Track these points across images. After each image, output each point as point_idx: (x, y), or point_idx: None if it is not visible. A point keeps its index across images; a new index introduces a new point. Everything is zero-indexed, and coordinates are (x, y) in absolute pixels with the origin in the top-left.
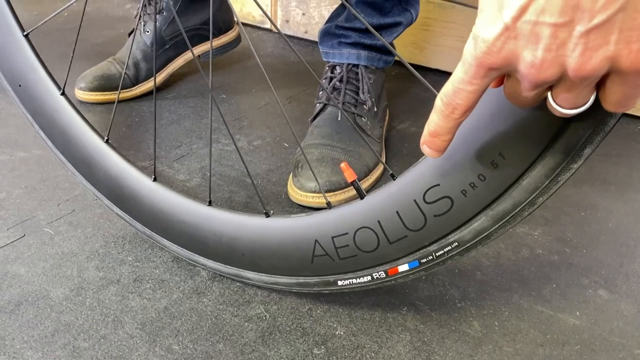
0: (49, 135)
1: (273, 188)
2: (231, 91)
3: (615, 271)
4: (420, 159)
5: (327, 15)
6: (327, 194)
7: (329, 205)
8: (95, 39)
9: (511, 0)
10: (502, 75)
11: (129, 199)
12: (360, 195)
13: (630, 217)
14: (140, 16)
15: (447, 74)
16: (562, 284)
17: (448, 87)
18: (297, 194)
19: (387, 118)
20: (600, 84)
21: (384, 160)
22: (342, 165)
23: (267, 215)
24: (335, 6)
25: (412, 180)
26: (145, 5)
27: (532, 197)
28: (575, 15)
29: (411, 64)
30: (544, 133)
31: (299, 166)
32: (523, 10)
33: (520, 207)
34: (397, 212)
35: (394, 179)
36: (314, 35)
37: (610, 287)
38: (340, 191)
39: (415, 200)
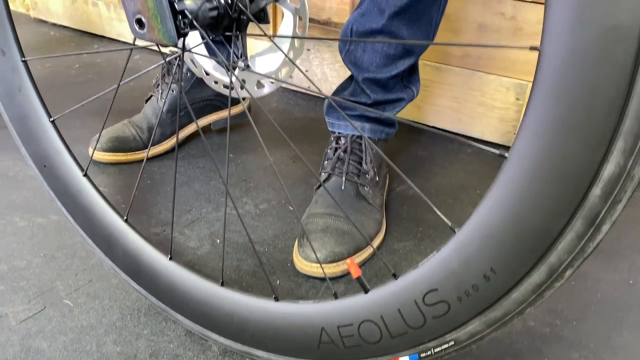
0: (70, 213)
1: (279, 255)
2: (238, 150)
3: (603, 344)
4: (420, 262)
5: (328, 72)
6: (331, 264)
7: (336, 296)
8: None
9: None
10: None
11: (146, 275)
12: (365, 289)
13: (619, 286)
14: (158, 84)
15: (442, 131)
16: (553, 358)
17: None
18: (302, 264)
19: (387, 183)
20: None
21: (384, 227)
22: (347, 261)
23: (276, 299)
24: (344, 80)
25: (413, 282)
26: (164, 75)
27: (520, 307)
28: None
29: (409, 121)
30: (531, 255)
31: (305, 236)
32: None
33: (510, 315)
34: (398, 309)
35: (396, 278)
36: (316, 90)
37: None
38: (344, 261)
39: (415, 301)
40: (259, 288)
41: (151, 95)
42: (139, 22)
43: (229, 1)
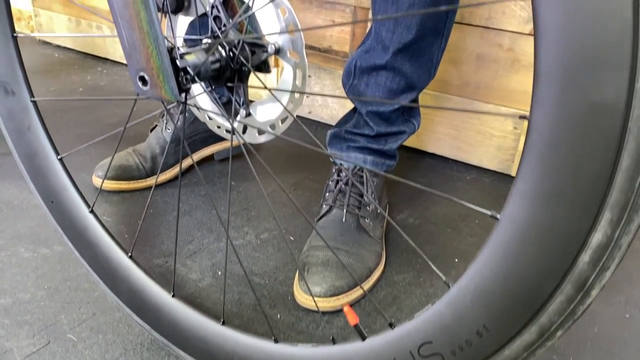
0: (76, 247)
1: (280, 288)
2: (240, 177)
3: None
4: (416, 313)
5: (329, 98)
6: (331, 298)
7: (334, 341)
8: (109, 117)
9: None
10: None
11: (149, 311)
12: (362, 337)
13: (615, 320)
14: (163, 114)
15: (441, 158)
16: None
17: None
18: (302, 297)
19: (387, 213)
20: None
21: (384, 259)
22: (345, 308)
23: (276, 340)
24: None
25: (408, 333)
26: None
27: None
28: None
29: (408, 148)
30: (523, 315)
31: (305, 269)
32: None
33: None
34: (394, 359)
35: (392, 328)
36: (316, 116)
37: None
38: (344, 295)
39: (411, 352)
40: (260, 322)
41: (156, 125)
42: (142, 80)
43: (231, 54)
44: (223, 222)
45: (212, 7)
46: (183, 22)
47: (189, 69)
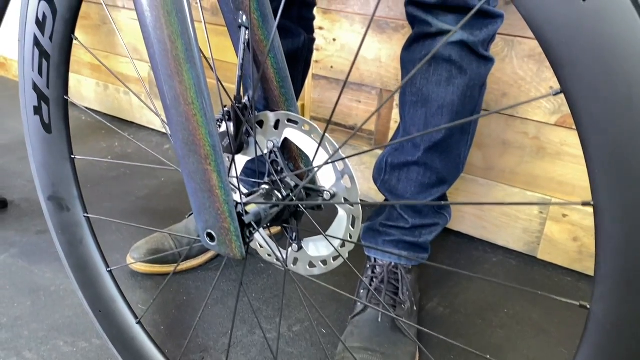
0: (123, 357)
1: None
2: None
3: None
4: None
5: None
6: None
7: None
8: (139, 190)
9: None
10: None
11: None
12: None
13: None
14: None
15: (466, 237)
16: None
17: None
18: None
19: (419, 305)
20: None
21: (417, 358)
22: None
23: None
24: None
25: None
26: None
27: None
28: None
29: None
30: None
31: None
32: None
33: None
34: None
35: None
36: None
37: None
38: None
39: None
40: None
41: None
42: (210, 236)
43: (286, 199)
44: (256, 314)
45: (271, 152)
46: (241, 160)
47: (253, 223)
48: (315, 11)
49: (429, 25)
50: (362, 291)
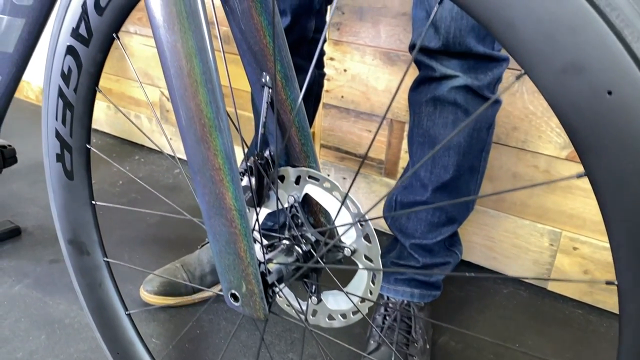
0: None
1: None
2: None
3: None
4: None
5: (363, 200)
6: None
7: None
8: (150, 217)
9: None
10: None
11: None
12: None
13: None
14: None
15: (476, 267)
16: None
17: None
18: None
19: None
20: None
21: None
22: None
23: None
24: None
25: None
26: None
27: None
28: None
29: None
30: None
31: None
32: None
33: None
34: None
35: None
36: None
37: None
38: None
39: None
40: None
41: (207, 242)
42: (234, 297)
43: (307, 255)
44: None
45: (291, 206)
46: (262, 212)
47: (276, 283)
48: (326, 44)
49: (433, 70)
50: (374, 330)
